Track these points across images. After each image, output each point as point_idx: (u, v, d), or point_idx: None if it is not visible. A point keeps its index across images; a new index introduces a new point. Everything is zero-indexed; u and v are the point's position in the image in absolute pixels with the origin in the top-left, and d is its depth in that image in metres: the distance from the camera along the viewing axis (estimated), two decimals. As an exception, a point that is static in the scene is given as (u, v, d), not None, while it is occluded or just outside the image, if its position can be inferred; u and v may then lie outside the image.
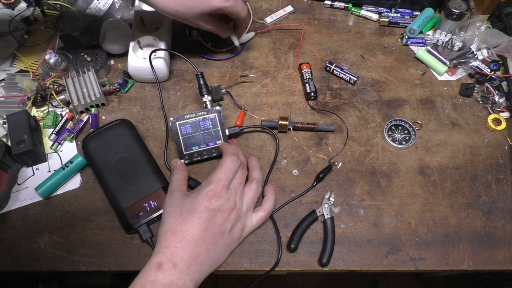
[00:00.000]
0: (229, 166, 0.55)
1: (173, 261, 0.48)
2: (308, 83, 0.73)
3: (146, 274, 0.48)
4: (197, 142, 0.62)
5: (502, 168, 0.68)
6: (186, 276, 0.48)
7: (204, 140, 0.62)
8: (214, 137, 0.63)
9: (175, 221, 0.52)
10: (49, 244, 0.60)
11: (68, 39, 0.77)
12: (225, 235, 0.53)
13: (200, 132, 0.62)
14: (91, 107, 0.70)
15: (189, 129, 0.62)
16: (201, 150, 0.63)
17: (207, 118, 0.62)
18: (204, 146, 0.63)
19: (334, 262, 0.60)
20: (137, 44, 0.71)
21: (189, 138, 0.62)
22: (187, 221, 0.51)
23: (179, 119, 0.62)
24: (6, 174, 0.61)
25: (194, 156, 0.63)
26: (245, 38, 0.78)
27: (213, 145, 0.63)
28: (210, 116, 0.63)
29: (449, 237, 0.62)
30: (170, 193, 0.56)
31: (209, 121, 0.62)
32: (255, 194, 0.58)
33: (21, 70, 0.73)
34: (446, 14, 0.76)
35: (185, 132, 0.62)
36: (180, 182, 0.58)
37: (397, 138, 0.70)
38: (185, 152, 0.62)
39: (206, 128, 0.62)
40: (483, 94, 0.74)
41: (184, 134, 0.62)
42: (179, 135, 0.62)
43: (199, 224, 0.51)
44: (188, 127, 0.62)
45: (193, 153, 0.63)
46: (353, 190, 0.66)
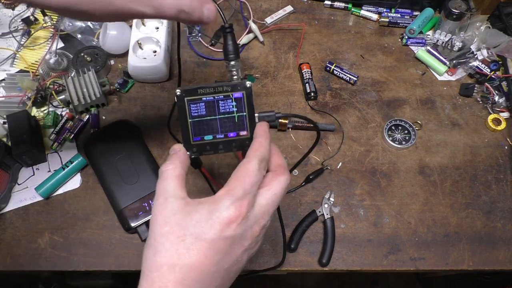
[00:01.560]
0: (257, 174, 0.38)
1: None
2: (308, 83, 0.73)
3: None
4: (212, 130, 0.43)
5: (502, 168, 0.68)
6: None
7: (222, 128, 0.44)
8: (238, 125, 0.43)
9: (174, 250, 0.35)
10: (49, 244, 0.60)
11: (68, 39, 0.77)
12: (240, 265, 0.38)
13: (217, 115, 0.43)
14: (91, 107, 0.70)
15: (202, 110, 0.43)
16: (216, 141, 0.44)
17: (230, 96, 0.43)
18: (222, 136, 0.44)
19: (334, 262, 0.60)
20: (137, 44, 0.71)
21: (202, 123, 0.43)
22: (192, 251, 0.35)
23: (189, 93, 0.42)
24: (6, 174, 0.61)
25: (205, 148, 0.44)
26: (246, 38, 0.78)
27: (234, 136, 0.44)
28: (235, 94, 0.43)
29: (449, 237, 0.62)
30: (163, 199, 0.37)
31: (232, 101, 0.43)
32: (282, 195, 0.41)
33: (21, 70, 0.73)
34: (446, 14, 0.76)
35: (196, 113, 0.43)
36: (179, 182, 0.38)
37: (397, 138, 0.70)
38: (193, 141, 0.43)
39: (227, 111, 0.43)
40: (483, 94, 0.74)
41: (194, 116, 0.43)
42: (187, 116, 0.43)
43: (210, 258, 0.35)
44: (202, 107, 0.43)
45: (205, 144, 0.44)
46: (353, 190, 0.66)
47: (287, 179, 0.40)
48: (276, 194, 0.39)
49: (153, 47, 0.73)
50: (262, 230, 0.38)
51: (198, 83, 0.75)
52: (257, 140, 0.41)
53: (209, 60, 0.77)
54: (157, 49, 0.72)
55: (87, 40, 0.76)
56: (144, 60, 0.70)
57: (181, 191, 0.38)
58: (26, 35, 0.76)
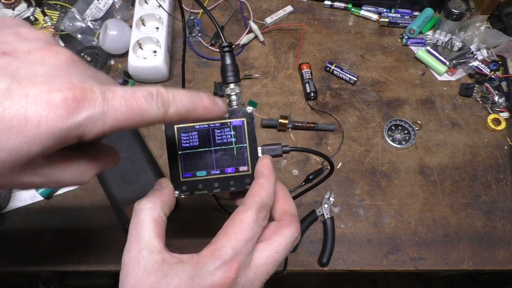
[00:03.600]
0: (253, 228, 0.30)
1: None
2: (308, 83, 0.73)
3: None
4: (206, 164, 0.36)
5: (502, 168, 0.68)
6: None
7: (218, 162, 0.36)
8: (237, 159, 0.36)
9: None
10: (49, 244, 0.60)
11: (68, 39, 0.77)
12: None
13: (213, 147, 0.36)
14: (91, 107, 0.69)
15: (195, 140, 0.36)
16: (211, 178, 0.36)
17: (228, 124, 0.36)
18: (218, 172, 0.36)
19: (334, 262, 0.60)
20: (137, 44, 0.71)
21: (194, 156, 0.36)
22: None
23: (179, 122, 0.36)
24: (6, 174, 0.61)
25: (197, 186, 0.36)
26: (246, 38, 0.78)
27: (232, 172, 0.36)
28: (234, 121, 0.36)
29: (449, 237, 0.62)
30: (137, 252, 0.30)
31: (231, 129, 0.36)
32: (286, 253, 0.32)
33: (21, 70, 0.73)
34: (446, 14, 0.76)
35: (187, 144, 0.36)
36: (157, 228, 0.30)
37: (397, 138, 0.70)
38: (183, 178, 0.36)
39: (224, 142, 0.36)
40: (482, 94, 0.74)
41: (185, 147, 0.36)
42: (176, 147, 0.36)
43: None
44: (195, 137, 0.36)
45: (197, 182, 0.36)
46: (353, 190, 0.66)
47: (295, 232, 0.31)
48: (278, 253, 0.30)
49: (153, 47, 0.73)
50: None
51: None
52: (258, 182, 0.32)
53: (209, 60, 0.77)
54: (157, 49, 0.72)
55: (87, 40, 0.76)
56: (144, 60, 0.70)
57: (158, 241, 0.30)
58: (26, 35, 0.76)
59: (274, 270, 0.31)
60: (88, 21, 0.77)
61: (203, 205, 0.64)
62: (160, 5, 0.74)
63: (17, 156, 0.20)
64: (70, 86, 0.21)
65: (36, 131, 0.20)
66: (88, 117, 0.21)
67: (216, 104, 0.28)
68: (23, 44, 0.23)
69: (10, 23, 0.25)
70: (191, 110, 0.26)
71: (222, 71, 0.38)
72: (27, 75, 0.21)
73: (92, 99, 0.21)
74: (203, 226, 0.62)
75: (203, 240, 0.30)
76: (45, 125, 0.20)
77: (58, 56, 0.23)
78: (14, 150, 0.20)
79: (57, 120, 0.20)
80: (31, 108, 0.20)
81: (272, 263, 0.30)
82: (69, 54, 0.23)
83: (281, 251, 0.31)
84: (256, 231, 0.30)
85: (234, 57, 0.38)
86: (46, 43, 0.23)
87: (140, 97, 0.23)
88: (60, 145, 0.21)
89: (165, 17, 0.74)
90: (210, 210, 0.63)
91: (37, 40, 0.23)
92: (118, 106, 0.22)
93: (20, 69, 0.21)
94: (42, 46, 0.23)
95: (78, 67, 0.23)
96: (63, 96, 0.20)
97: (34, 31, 0.24)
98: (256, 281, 0.30)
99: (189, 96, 0.26)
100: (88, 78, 0.23)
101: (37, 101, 0.20)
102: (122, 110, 0.22)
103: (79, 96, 0.21)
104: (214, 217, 0.63)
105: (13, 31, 0.24)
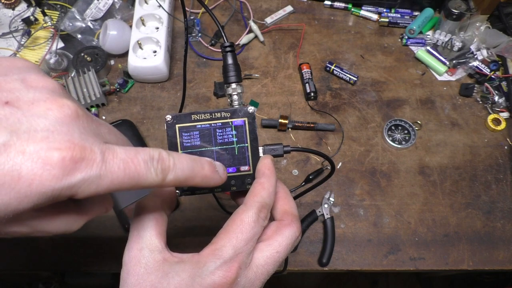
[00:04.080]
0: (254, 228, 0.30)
1: None
2: (308, 83, 0.73)
3: None
4: None
5: (501, 168, 0.68)
6: None
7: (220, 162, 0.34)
8: (238, 159, 0.36)
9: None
10: (49, 244, 0.60)
11: (68, 39, 0.77)
12: None
13: (214, 147, 0.36)
14: (91, 107, 0.70)
15: (196, 140, 0.36)
16: None
17: (230, 124, 0.36)
18: None
19: (334, 262, 0.60)
20: (137, 44, 0.71)
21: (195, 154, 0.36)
22: None
23: (181, 120, 0.36)
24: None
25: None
26: (246, 38, 0.78)
27: (233, 172, 0.36)
28: (235, 121, 0.36)
29: (449, 237, 0.62)
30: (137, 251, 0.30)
31: (232, 129, 0.36)
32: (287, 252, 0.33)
33: (21, 70, 0.73)
34: (446, 14, 0.76)
35: (188, 144, 0.36)
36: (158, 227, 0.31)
37: (397, 138, 0.70)
38: None
39: (225, 142, 0.36)
40: (482, 94, 0.74)
41: (187, 147, 0.36)
42: (178, 147, 0.35)
43: None
44: (196, 136, 0.36)
45: None
46: (353, 190, 0.66)
47: (295, 232, 0.32)
48: (278, 252, 0.30)
49: (153, 47, 0.73)
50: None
51: (197, 83, 0.75)
52: (259, 182, 0.32)
53: (209, 60, 0.77)
54: (157, 49, 0.72)
55: (87, 40, 0.76)
56: (144, 60, 0.70)
57: (159, 240, 0.30)
58: (26, 35, 0.76)
59: (275, 270, 0.31)
60: (88, 21, 0.77)
61: (203, 205, 0.64)
62: (160, 5, 0.75)
63: (5, 211, 0.20)
64: (69, 145, 0.21)
65: (28, 189, 0.20)
66: (83, 180, 0.21)
67: (216, 173, 0.29)
68: (28, 93, 0.23)
69: (19, 66, 0.25)
70: (189, 178, 0.27)
71: (224, 70, 0.38)
72: (27, 129, 0.21)
73: (90, 160, 0.21)
74: (203, 226, 0.62)
75: (203, 240, 0.30)
76: (38, 184, 0.20)
77: (62, 109, 0.22)
78: (3, 205, 0.20)
79: (50, 180, 0.20)
80: (26, 165, 0.20)
81: (273, 263, 0.30)
82: (74, 107, 0.23)
83: (281, 251, 0.31)
84: (257, 231, 0.30)
85: (236, 57, 0.38)
86: (52, 94, 0.23)
87: (140, 162, 0.23)
88: (50, 203, 0.21)
89: (165, 17, 0.74)
90: (210, 209, 0.63)
91: (43, 90, 0.23)
92: (116, 170, 0.22)
93: (21, 122, 0.21)
94: (47, 97, 0.23)
95: (81, 122, 0.23)
96: (60, 156, 0.20)
97: (42, 79, 0.24)
98: (257, 281, 0.30)
99: (191, 163, 0.27)
100: (90, 135, 0.23)
101: (34, 158, 0.20)
102: (119, 175, 0.22)
103: (77, 156, 0.21)
104: (214, 216, 0.63)
105: (19, 77, 0.24)
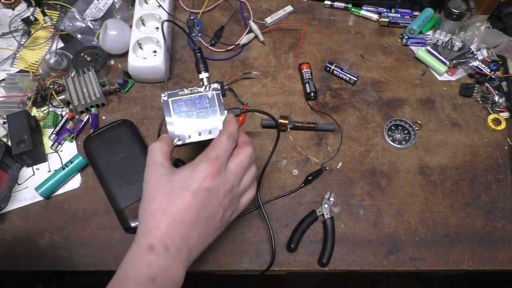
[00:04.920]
0: (226, 145, 0.48)
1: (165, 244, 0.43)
2: (308, 83, 0.73)
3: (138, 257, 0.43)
4: (192, 123, 0.55)
5: (502, 168, 0.68)
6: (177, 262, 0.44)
7: (199, 120, 0.55)
8: (212, 117, 0.55)
9: (164, 200, 0.45)
10: (49, 244, 0.60)
11: (68, 39, 0.77)
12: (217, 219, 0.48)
13: (195, 110, 0.54)
14: (91, 107, 0.70)
15: (183, 107, 0.54)
16: (196, 131, 0.55)
17: (204, 96, 0.55)
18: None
19: (334, 262, 0.60)
20: (137, 44, 0.71)
21: (183, 117, 0.54)
22: (178, 200, 0.44)
23: (172, 95, 0.54)
24: (6, 174, 0.61)
25: (187, 137, 0.54)
26: (246, 38, 0.78)
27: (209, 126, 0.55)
28: (207, 94, 0.55)
29: (449, 237, 0.62)
30: (154, 167, 0.47)
31: (206, 99, 0.55)
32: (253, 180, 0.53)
33: (21, 70, 0.73)
34: (446, 14, 0.76)
35: (178, 110, 0.54)
36: (166, 156, 0.49)
37: (397, 138, 0.70)
38: (177, 133, 0.54)
39: (202, 107, 0.55)
40: (483, 94, 0.74)
41: (177, 112, 0.54)
42: (171, 112, 0.54)
43: (193, 205, 0.44)
44: (182, 105, 0.54)
45: (187, 134, 0.54)
46: (353, 190, 0.66)
47: (250, 150, 0.50)
48: (242, 161, 0.49)
49: (153, 47, 0.73)
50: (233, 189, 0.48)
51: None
52: (227, 123, 0.52)
53: (209, 60, 0.77)
54: (157, 49, 0.72)
55: (87, 40, 0.76)
56: (144, 60, 0.70)
57: (167, 162, 0.48)
58: (26, 35, 0.76)
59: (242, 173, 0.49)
60: (88, 21, 0.77)
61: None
62: (160, 5, 0.75)
63: None
64: None
65: None
66: None
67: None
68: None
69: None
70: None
71: (196, 64, 0.59)
72: None
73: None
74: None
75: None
76: None
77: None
78: None
79: None
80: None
81: (240, 167, 0.48)
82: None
83: (244, 160, 0.49)
84: (228, 147, 0.48)
85: (202, 54, 0.60)
86: None
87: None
88: None
89: (165, 17, 0.74)
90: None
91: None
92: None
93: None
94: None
95: None
96: None
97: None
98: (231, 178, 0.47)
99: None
100: None
101: None
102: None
103: None
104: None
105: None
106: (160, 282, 0.42)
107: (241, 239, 0.61)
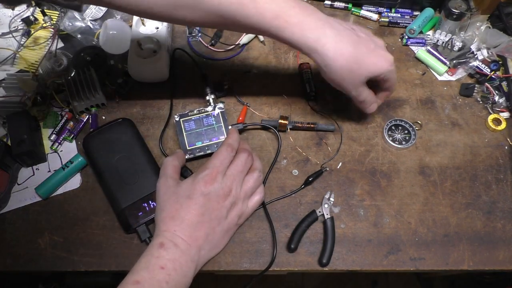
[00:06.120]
0: (224, 154, 0.56)
1: (174, 241, 0.50)
2: (308, 83, 0.73)
3: (149, 252, 0.50)
4: (200, 138, 0.65)
5: (502, 168, 0.68)
6: (187, 256, 0.51)
7: (207, 136, 0.65)
8: (218, 132, 0.65)
9: (172, 208, 0.53)
10: (49, 244, 0.60)
11: (68, 39, 0.77)
12: (221, 220, 0.55)
13: (203, 128, 0.65)
14: (91, 107, 0.70)
15: (192, 125, 0.65)
16: (204, 145, 0.65)
17: (210, 114, 0.66)
18: (207, 141, 0.65)
19: (334, 262, 0.60)
20: (137, 44, 0.71)
21: (193, 134, 0.65)
22: (184, 206, 0.53)
23: (183, 116, 0.66)
24: (6, 174, 0.61)
25: (197, 151, 0.65)
26: (246, 38, 0.78)
27: (216, 140, 0.65)
28: (213, 112, 0.66)
29: (449, 237, 0.62)
30: (164, 179, 0.57)
31: (212, 117, 0.66)
32: (256, 184, 0.58)
33: (21, 70, 0.73)
34: (446, 14, 0.76)
35: (188, 128, 0.65)
36: (175, 169, 0.59)
37: (397, 138, 0.70)
38: (188, 147, 0.64)
39: (209, 124, 0.65)
40: (483, 94, 0.74)
41: (188, 130, 0.65)
42: (183, 131, 0.65)
43: (196, 209, 0.52)
44: (192, 124, 0.65)
45: (196, 148, 0.65)
46: (353, 190, 0.66)
47: (245, 155, 0.57)
48: (237, 165, 0.56)
49: (153, 47, 0.73)
50: (233, 192, 0.55)
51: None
52: (228, 135, 0.61)
53: (209, 60, 0.77)
54: (157, 49, 0.72)
55: (87, 40, 0.76)
56: (144, 60, 0.70)
57: (175, 175, 0.58)
58: (26, 35, 0.76)
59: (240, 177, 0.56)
60: (88, 21, 0.77)
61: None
62: (160, 5, 0.74)
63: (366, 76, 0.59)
64: None
65: None
66: None
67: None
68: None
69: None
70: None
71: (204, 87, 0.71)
72: None
73: None
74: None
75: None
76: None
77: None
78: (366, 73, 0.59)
79: None
80: None
81: (236, 172, 0.56)
82: None
83: (239, 165, 0.57)
84: (226, 156, 0.56)
85: (208, 80, 0.71)
86: None
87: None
88: None
89: (165, 17, 0.74)
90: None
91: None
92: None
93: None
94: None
95: None
96: None
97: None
98: (228, 181, 0.55)
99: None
100: None
101: None
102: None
103: None
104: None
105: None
106: (169, 271, 0.48)
107: (241, 239, 0.61)
